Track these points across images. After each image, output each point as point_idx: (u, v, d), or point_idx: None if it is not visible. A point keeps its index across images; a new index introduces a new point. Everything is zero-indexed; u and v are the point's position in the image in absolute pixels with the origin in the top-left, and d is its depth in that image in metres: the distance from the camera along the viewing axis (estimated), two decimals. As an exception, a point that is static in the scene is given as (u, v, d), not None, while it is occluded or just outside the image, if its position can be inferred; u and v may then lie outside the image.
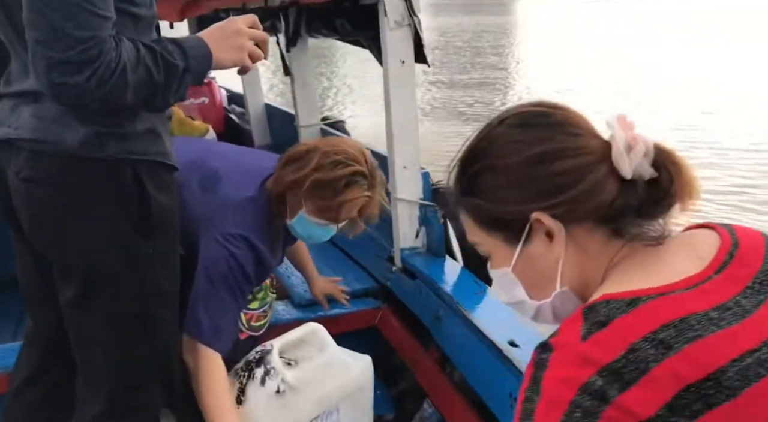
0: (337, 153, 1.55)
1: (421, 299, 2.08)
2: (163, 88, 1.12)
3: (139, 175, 1.18)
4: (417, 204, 2.25)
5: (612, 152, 0.72)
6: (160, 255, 1.26)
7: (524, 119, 0.77)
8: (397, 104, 2.15)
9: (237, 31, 1.23)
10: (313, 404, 1.44)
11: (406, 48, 2.11)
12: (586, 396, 0.63)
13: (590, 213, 0.73)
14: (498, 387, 1.60)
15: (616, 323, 0.66)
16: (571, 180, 0.73)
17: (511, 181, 0.75)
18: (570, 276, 0.77)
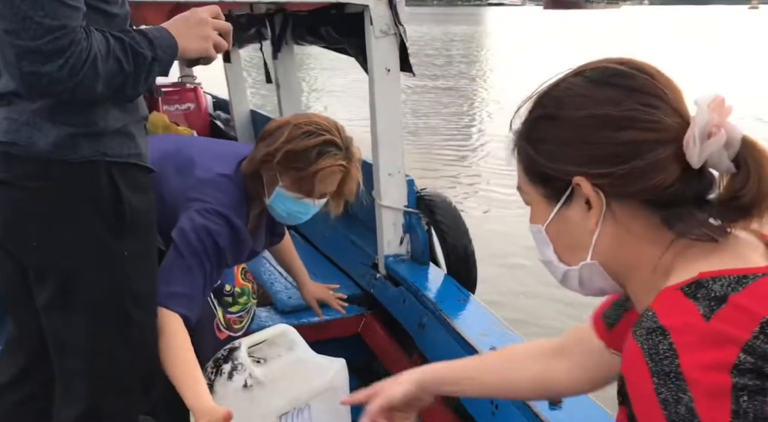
0: (308, 124, 1.55)
1: (405, 306, 2.09)
2: (133, 78, 1.12)
3: (112, 176, 1.18)
4: (401, 211, 2.26)
5: (685, 135, 0.65)
6: (135, 257, 1.25)
7: (603, 75, 0.69)
8: (382, 112, 2.16)
9: (201, 21, 1.23)
10: (283, 399, 1.44)
11: (392, 56, 2.13)
12: (743, 376, 0.57)
13: (638, 193, 0.67)
14: None
15: (736, 299, 0.61)
16: (627, 153, 0.66)
17: (566, 137, 0.70)
18: (604, 252, 0.71)
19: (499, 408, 1.53)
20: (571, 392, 1.03)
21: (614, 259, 0.72)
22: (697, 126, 0.64)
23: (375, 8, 2.07)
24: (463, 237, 2.33)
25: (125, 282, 1.25)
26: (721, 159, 0.65)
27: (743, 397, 0.57)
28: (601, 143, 0.68)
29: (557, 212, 0.72)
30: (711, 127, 0.64)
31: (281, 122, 1.60)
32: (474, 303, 1.98)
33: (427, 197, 2.35)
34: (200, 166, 1.62)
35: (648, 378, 0.60)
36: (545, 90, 0.73)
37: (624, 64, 0.70)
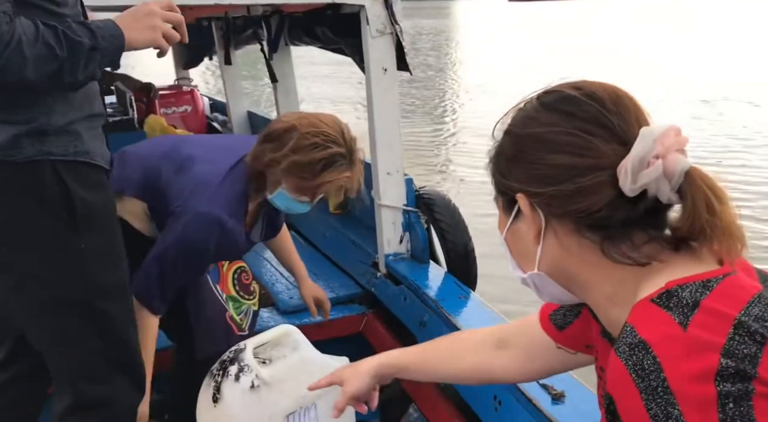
0: (315, 134, 1.55)
1: (406, 305, 2.10)
2: (69, 65, 1.14)
3: (59, 174, 1.20)
4: (401, 210, 2.27)
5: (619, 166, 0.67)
6: (94, 250, 1.27)
7: (552, 99, 0.73)
8: (379, 111, 2.17)
9: (149, 13, 1.25)
10: (289, 399, 1.44)
11: (389, 56, 2.14)
12: (728, 381, 0.59)
13: (570, 215, 0.71)
14: (483, 390, 1.62)
15: (706, 303, 0.63)
16: (558, 176, 0.70)
17: (512, 154, 0.74)
18: (548, 264, 0.75)
19: (502, 404, 1.54)
20: (516, 380, 1.17)
21: (560, 273, 0.75)
22: (631, 156, 0.66)
23: (371, 8, 2.08)
24: (463, 234, 2.34)
25: (86, 274, 1.26)
26: (661, 188, 0.67)
27: (729, 404, 0.58)
28: (537, 164, 0.72)
29: (510, 224, 0.77)
30: (649, 158, 0.66)
31: (288, 125, 1.60)
32: (474, 300, 1.99)
33: (426, 195, 2.36)
34: (200, 160, 1.63)
35: (636, 395, 0.61)
36: (515, 107, 0.77)
37: (579, 89, 0.72)
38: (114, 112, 3.42)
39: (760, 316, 0.62)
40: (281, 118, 1.70)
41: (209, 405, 1.43)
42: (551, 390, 1.47)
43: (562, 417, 1.38)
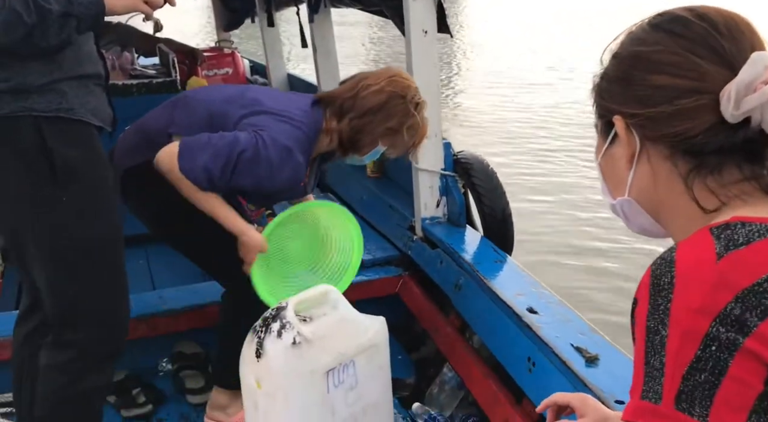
0: (413, 94, 1.74)
1: (442, 267, 2.12)
2: (40, 30, 1.18)
3: (41, 129, 1.25)
4: (438, 174, 2.28)
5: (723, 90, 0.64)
6: (77, 203, 1.32)
7: (661, 19, 0.71)
8: (419, 74, 2.16)
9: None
10: (329, 355, 1.50)
11: (429, 18, 2.11)
12: (723, 326, 0.58)
13: (666, 139, 0.68)
14: (516, 352, 1.65)
15: (758, 245, 0.61)
16: (659, 98, 0.67)
17: (614, 75, 0.73)
18: (638, 190, 0.74)
19: (535, 365, 1.56)
20: None
21: (648, 199, 0.74)
22: (737, 80, 0.64)
23: (412, -31, 2.05)
24: (500, 199, 2.34)
25: (69, 228, 1.32)
26: (766, 117, 0.64)
27: (712, 347, 0.59)
28: (638, 84, 0.70)
29: (605, 148, 0.76)
30: (757, 84, 0.63)
31: (388, 93, 1.70)
32: (510, 264, 2.01)
33: (463, 160, 2.35)
34: (269, 104, 1.68)
35: (645, 305, 0.63)
36: (625, 31, 0.74)
37: (691, 10, 0.69)
38: (157, 74, 3.48)
39: None
40: (364, 83, 1.73)
41: (253, 359, 1.48)
42: (585, 353, 1.48)
43: (596, 380, 1.40)
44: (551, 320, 1.64)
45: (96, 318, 1.42)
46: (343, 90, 1.76)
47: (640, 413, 0.62)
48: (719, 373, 0.59)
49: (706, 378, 0.59)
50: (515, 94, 8.59)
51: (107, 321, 1.44)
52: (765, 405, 0.59)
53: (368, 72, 1.80)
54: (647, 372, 0.62)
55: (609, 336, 1.58)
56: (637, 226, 0.78)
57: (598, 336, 1.57)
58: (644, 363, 0.62)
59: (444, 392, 1.96)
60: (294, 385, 1.46)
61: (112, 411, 1.93)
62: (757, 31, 0.69)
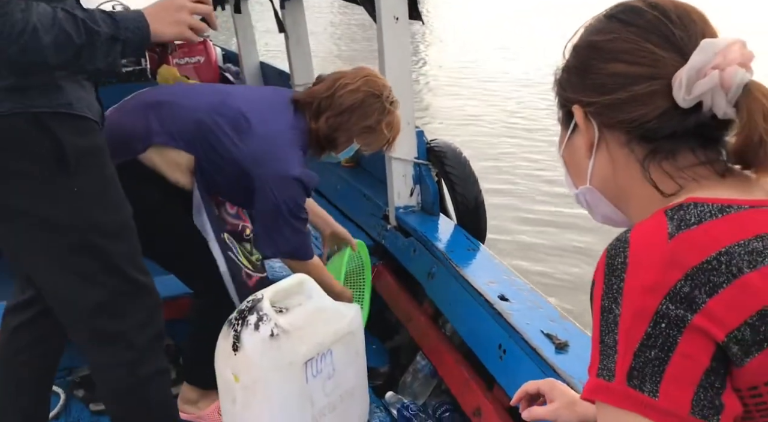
0: (389, 93, 1.78)
1: (415, 256, 2.12)
2: (88, 52, 1.18)
3: (42, 122, 1.22)
4: (411, 163, 2.27)
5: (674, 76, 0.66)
6: (89, 192, 1.30)
7: (618, 10, 0.72)
8: (391, 61, 2.14)
9: (178, 7, 1.30)
10: (307, 346, 1.49)
11: (400, 4, 2.09)
12: (673, 304, 0.59)
13: (622, 125, 0.70)
14: (488, 339, 1.65)
15: (708, 225, 0.62)
16: (613, 84, 0.69)
17: (573, 65, 0.74)
18: (599, 178, 0.75)
19: (506, 353, 1.57)
20: None
21: (608, 187, 0.75)
22: (688, 66, 0.65)
23: (383, -46, 2.03)
24: (473, 187, 2.34)
25: (85, 216, 1.29)
26: (717, 101, 0.65)
27: (661, 324, 0.60)
28: (594, 73, 0.71)
29: (567, 138, 0.77)
30: (707, 69, 0.65)
31: (364, 93, 1.74)
32: (483, 253, 2.01)
33: (437, 148, 2.34)
34: (256, 121, 1.69)
35: (601, 285, 0.64)
36: (584, 24, 0.76)
37: (645, 1, 0.71)
38: (126, 63, 3.41)
39: (752, 252, 0.61)
40: (341, 82, 1.76)
41: (229, 353, 1.47)
42: (555, 340, 1.49)
43: (565, 366, 1.41)
44: (522, 307, 1.65)
45: (133, 300, 1.39)
46: (319, 90, 1.77)
47: (595, 391, 0.63)
48: (668, 349, 0.60)
49: (656, 354, 0.60)
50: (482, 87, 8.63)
51: (143, 301, 1.41)
52: (711, 380, 0.60)
53: (343, 71, 1.82)
54: (602, 351, 0.63)
55: (579, 322, 1.59)
56: (600, 215, 0.79)
57: (569, 322, 1.58)
58: (599, 341, 0.64)
59: (417, 380, 1.96)
60: (273, 377, 1.45)
61: (80, 405, 1.90)
62: (709, 20, 0.71)
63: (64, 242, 1.29)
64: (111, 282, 1.34)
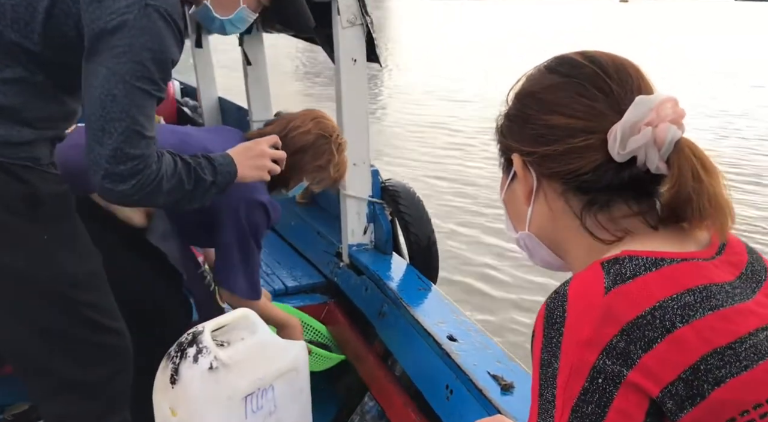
0: (338, 136, 1.86)
1: (367, 294, 2.11)
2: (190, 196, 1.32)
3: (14, 172, 1.21)
4: (366, 201, 2.28)
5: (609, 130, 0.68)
6: (59, 240, 1.28)
7: (557, 62, 0.74)
8: (348, 102, 2.18)
9: (261, 154, 1.49)
10: (247, 381, 1.46)
11: (358, 47, 2.14)
12: (609, 359, 0.60)
13: (559, 176, 0.71)
14: (436, 379, 1.65)
15: (643, 279, 0.64)
16: (552, 136, 0.71)
17: (513, 114, 0.76)
18: (538, 225, 0.76)
19: (453, 393, 1.57)
20: None
21: (547, 233, 0.77)
22: (623, 121, 0.67)
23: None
24: (426, 227, 2.37)
25: (56, 265, 1.26)
26: (650, 156, 0.67)
27: (598, 379, 0.60)
28: (533, 123, 0.73)
29: (508, 184, 0.79)
30: (641, 125, 0.67)
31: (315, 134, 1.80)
32: (434, 292, 2.02)
33: (391, 187, 2.37)
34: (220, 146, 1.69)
35: (540, 338, 0.65)
36: (526, 73, 0.78)
37: (583, 54, 0.73)
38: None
39: (684, 307, 0.62)
40: (292, 124, 1.83)
41: (167, 386, 1.42)
42: (501, 381, 1.50)
43: (511, 408, 1.42)
44: (470, 348, 1.66)
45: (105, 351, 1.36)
46: (272, 131, 1.80)
47: None
48: (605, 405, 0.60)
49: (592, 410, 0.60)
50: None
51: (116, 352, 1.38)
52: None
53: (292, 113, 1.91)
54: (541, 404, 0.64)
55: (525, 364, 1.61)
56: (540, 259, 0.81)
57: (515, 363, 1.60)
58: (539, 395, 0.64)
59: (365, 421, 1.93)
60: (211, 411, 1.40)
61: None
62: (645, 75, 0.73)
63: (32, 292, 1.25)
64: (79, 334, 1.31)
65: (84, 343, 1.31)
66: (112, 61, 1.15)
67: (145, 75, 1.17)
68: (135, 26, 1.15)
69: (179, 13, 1.23)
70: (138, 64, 1.16)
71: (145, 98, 1.19)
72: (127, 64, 1.16)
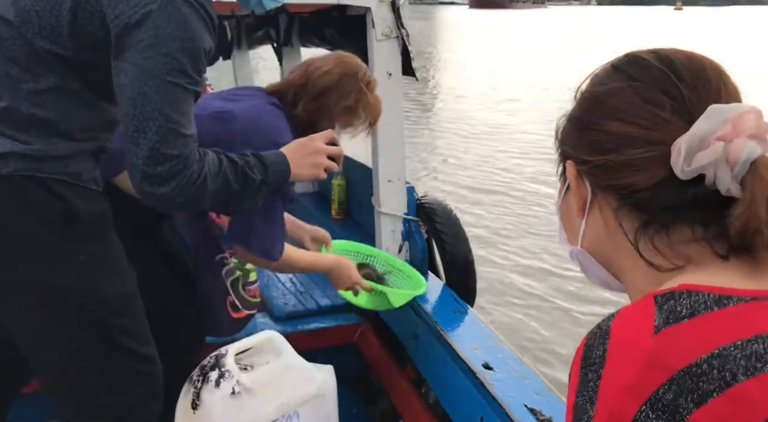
0: (364, 72, 1.70)
1: (400, 316, 2.04)
2: (239, 196, 1.26)
3: (52, 188, 1.18)
4: (401, 218, 2.22)
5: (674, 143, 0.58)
6: (95, 260, 1.23)
7: (625, 61, 0.65)
8: (383, 117, 2.12)
9: (316, 150, 1.41)
10: (271, 406, 1.41)
11: (394, 60, 2.09)
12: (654, 412, 0.52)
13: (614, 190, 0.63)
14: (470, 410, 1.56)
15: (702, 319, 0.55)
16: (609, 145, 0.62)
17: (572, 117, 0.68)
18: (591, 241, 0.68)
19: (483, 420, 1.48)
20: None
21: (601, 251, 0.67)
22: (690, 133, 0.57)
23: (377, 11, 2.04)
24: (463, 246, 2.28)
25: (91, 286, 1.22)
26: (721, 176, 0.57)
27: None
28: (590, 128, 0.64)
29: (564, 193, 0.70)
30: (711, 139, 0.57)
31: (340, 73, 1.65)
32: (470, 316, 1.93)
33: (427, 205, 2.30)
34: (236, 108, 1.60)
35: (576, 379, 0.57)
36: (593, 72, 0.69)
37: (655, 53, 0.64)
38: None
39: (751, 356, 0.52)
40: (313, 66, 1.68)
41: (188, 411, 1.40)
42: (539, 416, 1.40)
43: None
44: (506, 377, 1.56)
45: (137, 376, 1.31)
46: (293, 79, 1.70)
47: None
48: None
49: None
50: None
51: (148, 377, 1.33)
52: None
53: (315, 57, 1.76)
54: None
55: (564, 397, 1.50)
56: (594, 277, 0.71)
57: (555, 397, 1.49)
58: None
59: (397, 450, 1.85)
60: (233, 438, 1.36)
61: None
62: (730, 79, 0.62)
63: (66, 310, 1.22)
64: (112, 358, 1.27)
65: (115, 367, 1.27)
66: (139, 57, 1.09)
67: (175, 67, 1.09)
68: (160, 16, 1.08)
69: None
70: (167, 57, 1.09)
71: (179, 93, 1.11)
72: (156, 58, 1.08)
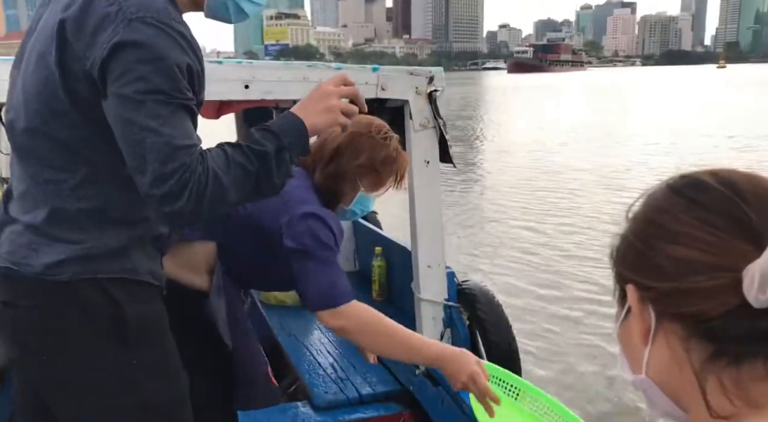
0: (377, 129, 1.65)
1: (443, 408, 1.98)
2: (264, 175, 1.17)
3: (105, 289, 1.19)
4: (441, 304, 2.19)
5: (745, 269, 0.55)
6: (148, 365, 1.23)
7: (683, 183, 0.63)
8: (421, 203, 2.14)
9: (325, 94, 1.27)
10: None
11: (431, 149, 2.13)
12: None
13: (680, 317, 0.59)
14: None
15: None
16: (674, 271, 0.59)
17: (631, 239, 0.64)
18: (656, 371, 0.63)
19: None
20: None
21: (667, 382, 0.62)
22: (762, 259, 0.54)
23: (414, 103, 2.10)
24: (506, 332, 2.23)
25: (137, 392, 1.23)
26: None
27: None
28: (652, 253, 0.61)
29: (622, 318, 0.65)
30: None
31: (349, 134, 1.62)
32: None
33: (468, 290, 2.27)
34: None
35: None
36: (646, 192, 0.67)
37: (715, 175, 0.62)
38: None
39: None
40: (328, 133, 1.65)
41: None
42: None
43: None
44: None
45: None
46: (312, 148, 1.64)
47: None
48: None
49: None
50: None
51: None
52: None
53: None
54: None
55: None
56: (659, 409, 0.65)
57: None
58: None
59: None
60: None
61: None
62: None
63: (114, 415, 1.22)
64: None
65: None
66: (115, 87, 1.08)
67: (149, 88, 1.07)
68: (126, 45, 1.07)
69: (172, 17, 1.12)
70: (139, 81, 1.07)
71: (161, 107, 1.08)
72: (129, 84, 1.07)
